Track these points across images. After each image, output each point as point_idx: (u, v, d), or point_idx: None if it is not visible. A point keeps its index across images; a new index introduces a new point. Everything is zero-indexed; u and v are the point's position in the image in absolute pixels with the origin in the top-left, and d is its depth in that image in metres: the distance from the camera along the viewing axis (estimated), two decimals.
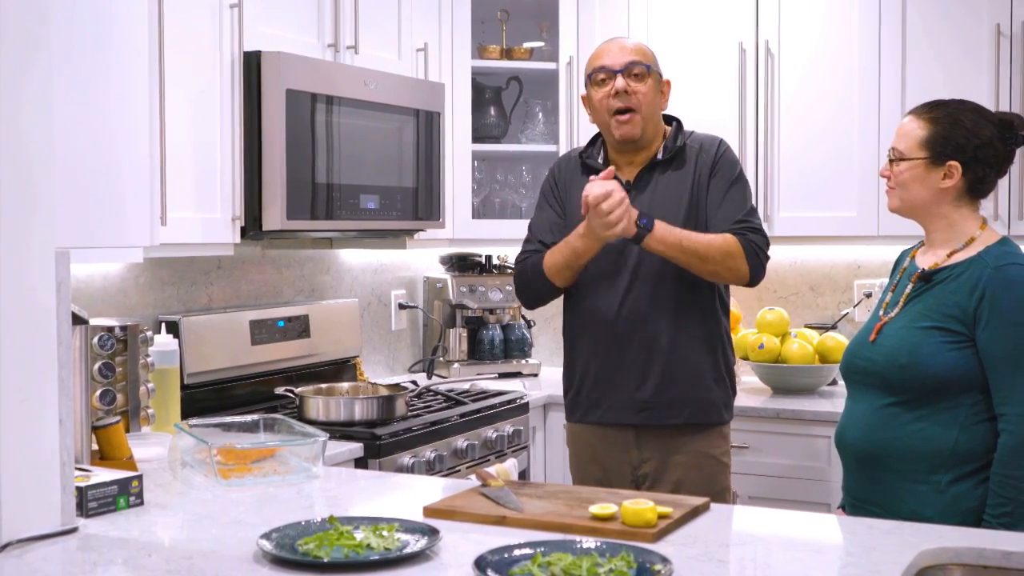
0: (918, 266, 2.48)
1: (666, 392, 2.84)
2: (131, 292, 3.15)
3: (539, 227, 3.00)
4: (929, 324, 2.36)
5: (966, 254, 2.40)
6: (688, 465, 2.85)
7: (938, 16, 3.65)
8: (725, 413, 2.92)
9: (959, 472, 2.32)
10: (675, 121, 2.97)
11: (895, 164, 2.45)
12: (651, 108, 2.85)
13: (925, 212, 2.45)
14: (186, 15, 2.84)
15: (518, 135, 4.35)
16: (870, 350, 2.45)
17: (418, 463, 3.02)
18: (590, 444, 2.96)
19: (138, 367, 2.69)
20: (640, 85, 2.83)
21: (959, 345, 2.33)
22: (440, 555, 1.83)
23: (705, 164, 2.87)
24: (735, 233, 2.78)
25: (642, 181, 2.88)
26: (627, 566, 1.70)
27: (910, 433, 2.36)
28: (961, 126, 2.39)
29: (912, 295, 2.44)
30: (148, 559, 1.84)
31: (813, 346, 3.81)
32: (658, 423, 2.86)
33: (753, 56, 3.86)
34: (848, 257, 4.09)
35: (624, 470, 2.90)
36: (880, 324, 2.47)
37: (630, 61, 2.83)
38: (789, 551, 1.91)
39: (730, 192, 2.84)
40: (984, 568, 1.86)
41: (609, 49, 2.89)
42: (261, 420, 2.70)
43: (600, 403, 2.91)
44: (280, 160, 3.01)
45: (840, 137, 3.78)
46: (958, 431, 2.33)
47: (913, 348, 2.35)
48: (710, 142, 2.91)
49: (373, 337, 4.12)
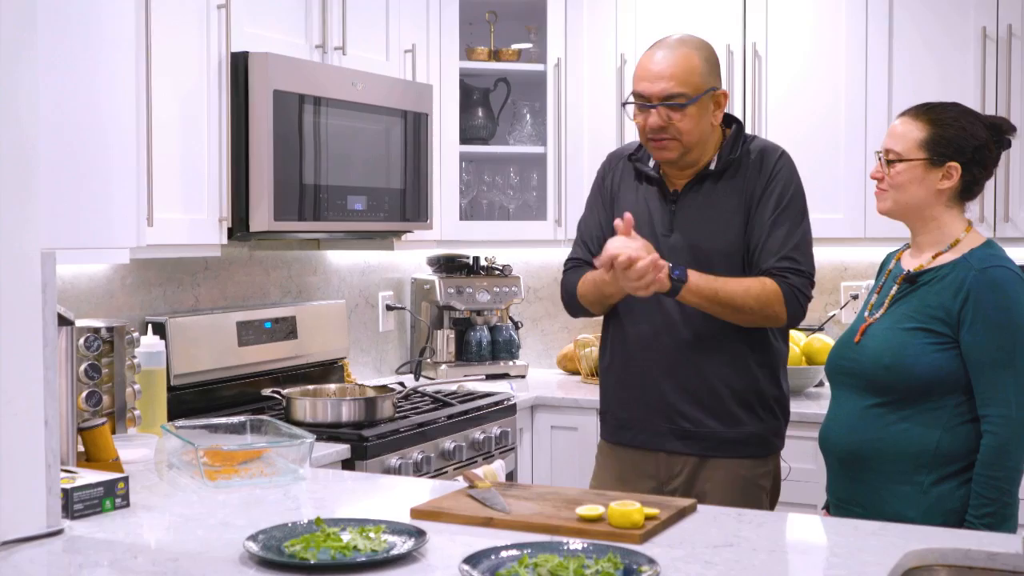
0: (903, 268, 2.49)
1: (715, 424, 2.62)
2: (117, 293, 3.14)
3: (587, 230, 2.79)
4: (914, 325, 2.37)
5: (951, 256, 2.40)
6: (722, 486, 2.61)
7: (925, 19, 3.66)
8: (775, 442, 2.70)
9: (942, 473, 2.33)
10: (736, 123, 2.70)
11: (892, 165, 2.43)
12: (693, 134, 2.56)
13: (917, 214, 2.45)
14: (173, 15, 2.84)
15: (506, 137, 4.35)
16: (855, 351, 2.46)
17: (405, 464, 3.02)
18: (617, 458, 2.75)
19: (124, 368, 2.68)
20: (678, 115, 2.54)
21: (943, 346, 2.33)
22: (427, 557, 1.83)
23: (762, 177, 2.61)
24: (775, 275, 2.55)
25: (691, 191, 2.64)
26: (614, 567, 1.70)
27: (893, 434, 2.36)
28: (960, 127, 2.40)
29: (897, 296, 2.45)
30: (134, 561, 1.83)
31: (800, 347, 3.82)
32: (692, 453, 2.64)
33: (740, 58, 3.87)
34: (835, 259, 4.10)
35: (650, 487, 2.67)
36: (865, 325, 2.47)
37: (667, 95, 2.54)
38: (775, 552, 1.92)
39: (779, 219, 2.58)
40: (970, 569, 1.87)
41: (648, 67, 2.58)
42: (248, 421, 2.70)
43: (632, 424, 2.70)
44: (267, 161, 3.00)
45: (827, 139, 3.79)
46: (941, 432, 2.33)
47: (898, 349, 2.36)
48: (771, 151, 2.66)
49: (360, 338, 4.12)
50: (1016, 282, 2.33)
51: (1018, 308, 2.31)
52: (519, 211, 4.34)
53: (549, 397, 3.83)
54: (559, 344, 4.46)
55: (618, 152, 2.86)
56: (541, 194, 4.22)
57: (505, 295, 4.22)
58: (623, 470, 2.73)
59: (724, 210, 2.62)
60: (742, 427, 2.64)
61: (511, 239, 4.17)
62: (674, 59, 2.57)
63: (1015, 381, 2.29)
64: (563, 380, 4.21)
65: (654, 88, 2.55)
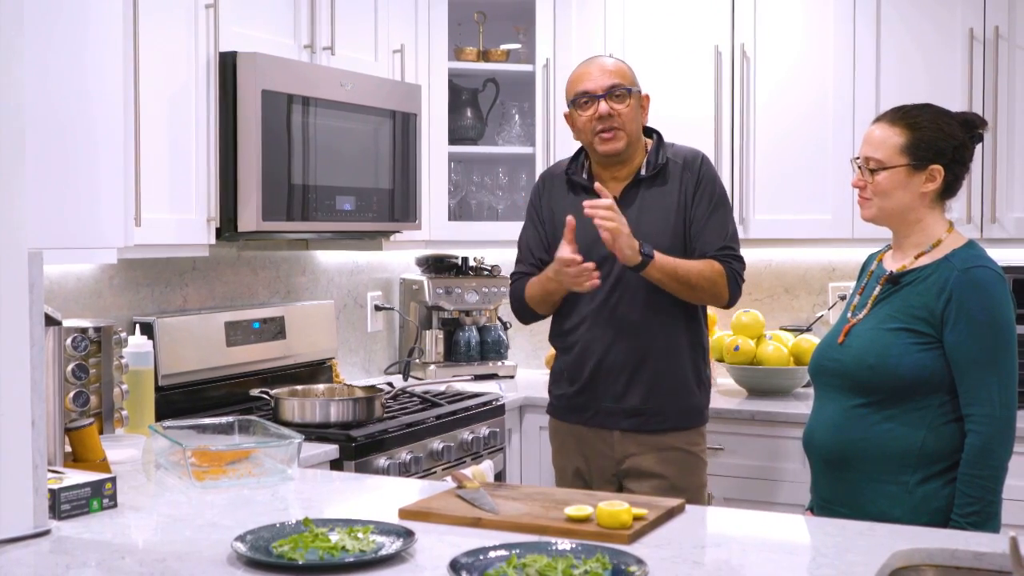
0: (885, 269, 2.50)
1: (653, 400, 2.92)
2: (105, 293, 3.13)
3: (526, 245, 3.10)
4: (897, 325, 2.38)
5: (933, 256, 2.42)
6: (669, 461, 2.92)
7: (912, 20, 3.67)
8: (705, 414, 3.02)
9: (927, 472, 2.35)
10: (655, 134, 3.02)
11: (875, 173, 2.44)
12: (633, 125, 2.92)
13: (901, 218, 2.46)
14: (161, 15, 2.83)
15: (494, 137, 4.35)
16: (838, 351, 2.47)
17: (394, 465, 3.02)
18: (573, 435, 3.02)
19: (112, 368, 2.67)
20: (622, 106, 2.89)
21: (927, 346, 2.35)
22: (415, 557, 1.83)
23: (689, 181, 2.93)
24: (720, 260, 2.89)
25: (628, 197, 2.94)
26: (602, 567, 1.70)
27: (878, 433, 2.38)
28: (939, 129, 2.41)
29: (880, 297, 2.46)
30: (121, 561, 1.83)
31: (788, 348, 3.82)
32: (644, 429, 2.93)
33: (729, 59, 3.88)
34: (823, 260, 4.11)
35: (606, 464, 2.96)
36: (848, 326, 2.49)
37: (611, 85, 2.89)
38: (763, 552, 1.92)
39: (715, 215, 2.92)
40: (956, 569, 1.88)
41: (589, 73, 2.94)
42: (236, 422, 2.70)
43: (587, 407, 2.98)
44: (256, 161, 3.00)
45: (815, 140, 3.80)
46: (926, 431, 2.35)
47: (882, 349, 2.37)
48: (692, 157, 2.97)
49: (349, 339, 4.12)
50: (998, 282, 2.35)
51: (1000, 308, 2.33)
52: (507, 211, 4.34)
53: (537, 398, 3.83)
54: (547, 345, 4.43)
55: (549, 171, 3.16)
56: (529, 194, 4.22)
57: (494, 295, 4.23)
58: (580, 444, 3.01)
59: (658, 213, 2.92)
60: (688, 401, 2.95)
61: (500, 239, 4.16)
62: (611, 62, 2.98)
63: (998, 380, 2.31)
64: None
65: (600, 83, 2.90)
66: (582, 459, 3.00)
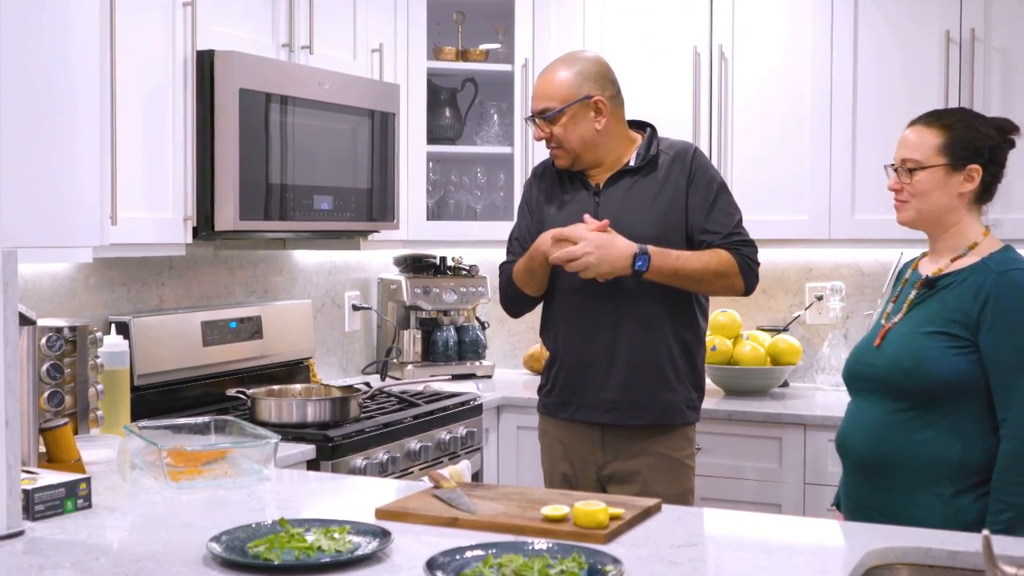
0: (921, 273, 2.47)
1: (631, 393, 2.88)
2: (80, 292, 3.12)
3: (516, 235, 3.09)
4: (933, 329, 2.36)
5: (969, 260, 2.39)
6: (652, 467, 2.89)
7: (890, 22, 3.69)
8: (690, 414, 2.95)
9: (963, 484, 2.31)
10: (649, 128, 3.01)
11: (914, 174, 2.41)
12: (573, 139, 2.90)
13: (938, 221, 2.44)
14: (138, 13, 2.82)
15: (473, 137, 4.35)
16: (874, 355, 2.44)
17: (371, 465, 3.01)
18: (560, 440, 3.00)
19: (87, 368, 2.66)
20: (555, 127, 2.89)
21: (963, 350, 2.32)
22: (392, 557, 1.82)
23: (680, 173, 2.90)
24: (729, 248, 2.84)
25: (612, 184, 2.94)
26: (578, 567, 1.71)
27: (917, 442, 2.34)
28: (975, 129, 2.40)
29: (916, 301, 2.43)
30: (96, 563, 1.82)
31: (765, 348, 3.84)
32: (623, 423, 2.89)
33: (707, 60, 3.89)
34: (800, 260, 4.13)
35: (590, 469, 2.94)
36: (884, 330, 2.45)
37: (541, 109, 2.91)
38: (739, 551, 1.93)
39: (717, 203, 2.89)
40: (930, 568, 1.89)
41: (535, 90, 2.96)
42: (212, 422, 2.69)
43: (570, 401, 2.95)
44: (233, 160, 2.99)
45: (793, 141, 3.82)
46: (964, 443, 2.31)
47: (917, 353, 2.35)
48: (683, 149, 2.95)
49: (326, 338, 4.11)
50: None
51: None
52: (486, 211, 4.34)
53: (515, 397, 3.84)
54: (525, 344, 4.46)
55: (541, 164, 3.14)
56: (508, 194, 4.23)
57: (472, 295, 4.22)
58: (566, 447, 2.98)
59: (645, 199, 2.90)
60: (669, 396, 2.90)
61: (478, 239, 4.17)
62: (545, 79, 2.95)
63: None
64: (529, 380, 4.21)
65: (534, 106, 2.95)
66: (568, 464, 2.98)
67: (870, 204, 3.69)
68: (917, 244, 3.64)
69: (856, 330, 4.02)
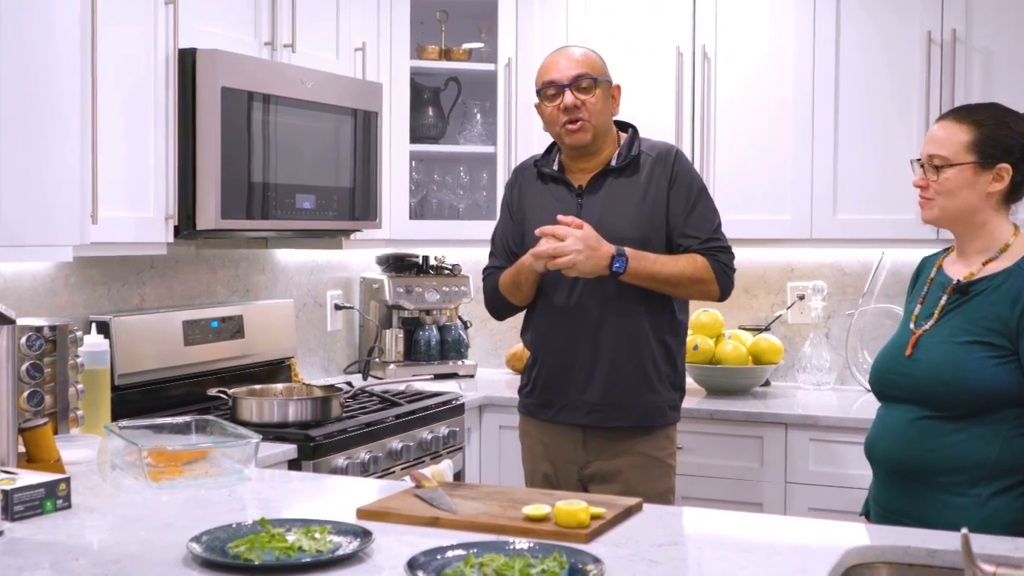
0: (949, 276, 2.39)
1: (612, 395, 2.88)
2: (61, 292, 3.10)
3: (499, 239, 3.10)
4: (970, 338, 2.27)
5: (1002, 263, 2.31)
6: (633, 466, 2.89)
7: (871, 23, 3.70)
8: (672, 415, 2.96)
9: (1001, 485, 2.25)
10: (631, 128, 3.02)
11: (941, 171, 2.32)
12: (601, 116, 2.90)
13: (966, 220, 2.35)
14: (120, 11, 2.80)
15: (456, 136, 4.35)
16: (907, 365, 2.35)
17: (352, 465, 3.01)
18: (541, 441, 3.01)
19: (67, 368, 2.65)
20: (588, 97, 2.87)
21: (1003, 360, 2.25)
22: (373, 557, 1.82)
23: (662, 174, 2.91)
24: (706, 254, 2.87)
25: (594, 186, 2.94)
26: (559, 567, 1.71)
27: (950, 445, 2.27)
28: (1007, 127, 2.31)
29: (948, 307, 2.34)
30: (75, 563, 1.81)
31: (747, 347, 3.85)
32: (605, 425, 2.90)
33: (690, 60, 3.90)
34: (782, 260, 4.14)
35: (571, 469, 2.95)
36: (915, 337, 2.36)
37: (577, 75, 2.87)
38: (719, 550, 1.93)
39: (697, 207, 2.91)
40: (909, 566, 1.90)
41: (557, 62, 2.92)
42: (193, 422, 2.68)
43: (552, 403, 2.96)
44: (215, 159, 2.98)
45: (775, 141, 3.82)
46: (1001, 443, 2.25)
47: (957, 364, 2.27)
48: (665, 151, 2.95)
49: (308, 338, 4.10)
50: None
51: None
52: (469, 210, 4.34)
53: (497, 397, 3.84)
54: (508, 344, 4.46)
55: (522, 164, 3.15)
56: (491, 194, 4.23)
57: (454, 295, 4.22)
58: (547, 447, 2.99)
59: (627, 201, 2.90)
60: (650, 398, 2.91)
61: (460, 239, 4.17)
62: (579, 52, 2.96)
63: None
64: (511, 380, 4.20)
65: (566, 73, 2.89)
66: (549, 464, 2.99)
67: (852, 204, 3.71)
68: (897, 244, 3.69)
69: (838, 330, 4.04)
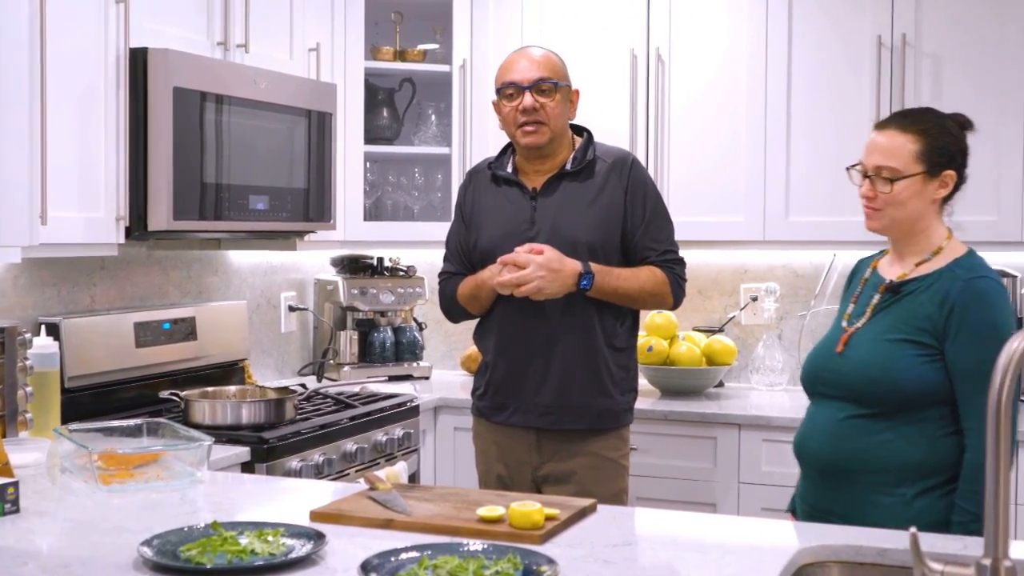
0: (883, 276, 2.43)
1: (566, 398, 2.90)
2: (9, 293, 3.06)
3: (452, 241, 3.09)
4: (900, 337, 2.32)
5: (934, 265, 2.36)
6: (587, 467, 2.91)
7: (823, 28, 3.74)
8: (625, 416, 2.98)
9: (925, 485, 2.29)
10: (586, 132, 3.02)
11: (894, 184, 2.33)
12: (559, 120, 2.91)
13: (910, 227, 2.38)
14: (70, 10, 2.77)
15: (411, 137, 4.34)
16: (837, 361, 2.39)
17: (306, 467, 2.99)
18: (495, 442, 3.01)
19: (16, 370, 2.62)
20: (548, 100, 2.88)
21: (930, 358, 2.29)
22: (326, 560, 1.81)
23: (617, 182, 2.92)
24: (663, 266, 2.92)
25: (549, 189, 2.94)
26: (513, 568, 1.71)
27: (877, 445, 2.31)
28: (948, 133, 2.35)
29: (880, 306, 2.39)
30: (24, 568, 1.79)
31: (701, 348, 3.87)
32: (559, 428, 2.91)
33: (644, 62, 3.91)
34: (735, 261, 4.17)
35: (525, 471, 2.96)
36: (847, 335, 2.40)
37: (539, 78, 2.88)
38: (673, 551, 1.94)
39: (653, 219, 2.94)
40: (860, 565, 1.92)
41: (518, 63, 2.93)
42: (144, 424, 2.65)
43: (506, 405, 2.96)
44: (167, 159, 2.95)
45: (728, 143, 3.85)
46: (926, 444, 2.29)
47: (886, 362, 2.31)
48: (621, 158, 2.96)
49: (262, 339, 4.07)
50: (1000, 293, 2.30)
51: (1002, 320, 2.27)
52: (423, 212, 4.33)
53: (452, 399, 3.83)
54: (463, 345, 4.46)
55: (475, 167, 3.14)
56: (446, 195, 4.22)
57: (409, 296, 4.22)
58: (501, 448, 3.00)
59: (582, 205, 2.91)
60: (604, 400, 2.92)
61: (415, 240, 4.16)
62: (542, 54, 2.96)
63: None
64: (466, 382, 4.20)
65: (528, 75, 2.89)
66: (503, 466, 2.99)
67: (804, 206, 3.75)
68: (849, 246, 3.72)
69: (790, 331, 4.07)
